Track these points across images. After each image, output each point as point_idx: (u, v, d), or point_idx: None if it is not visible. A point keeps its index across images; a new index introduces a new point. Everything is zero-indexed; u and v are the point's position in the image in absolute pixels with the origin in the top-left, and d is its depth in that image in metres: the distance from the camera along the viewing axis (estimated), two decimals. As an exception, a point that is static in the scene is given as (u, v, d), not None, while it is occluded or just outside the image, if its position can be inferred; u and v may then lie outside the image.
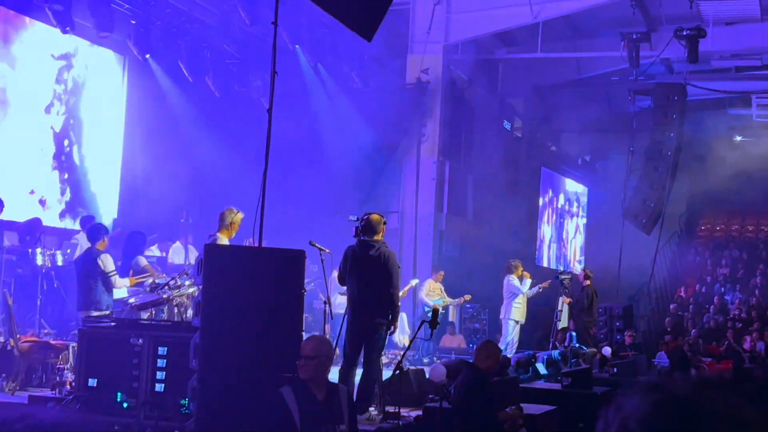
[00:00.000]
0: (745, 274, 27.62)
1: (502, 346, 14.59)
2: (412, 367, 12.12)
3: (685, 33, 17.61)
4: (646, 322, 23.36)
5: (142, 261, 12.40)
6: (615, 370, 14.23)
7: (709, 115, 25.10)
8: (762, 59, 22.87)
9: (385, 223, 9.62)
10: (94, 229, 11.50)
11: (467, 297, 17.69)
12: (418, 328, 9.14)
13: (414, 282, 17.21)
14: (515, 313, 15.86)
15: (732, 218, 30.87)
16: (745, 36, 20.92)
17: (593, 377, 12.77)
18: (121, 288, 11.25)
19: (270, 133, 7.61)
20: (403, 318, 16.14)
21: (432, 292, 17.01)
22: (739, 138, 27.64)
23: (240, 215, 10.09)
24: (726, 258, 28.58)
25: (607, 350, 16.00)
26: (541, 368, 13.31)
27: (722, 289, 26.70)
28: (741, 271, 27.79)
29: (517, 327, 15.91)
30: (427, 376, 10.65)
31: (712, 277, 27.50)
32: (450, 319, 19.06)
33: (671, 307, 25.50)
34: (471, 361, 8.56)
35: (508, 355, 13.61)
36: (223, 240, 9.84)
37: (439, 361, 13.99)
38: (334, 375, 8.70)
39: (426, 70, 19.59)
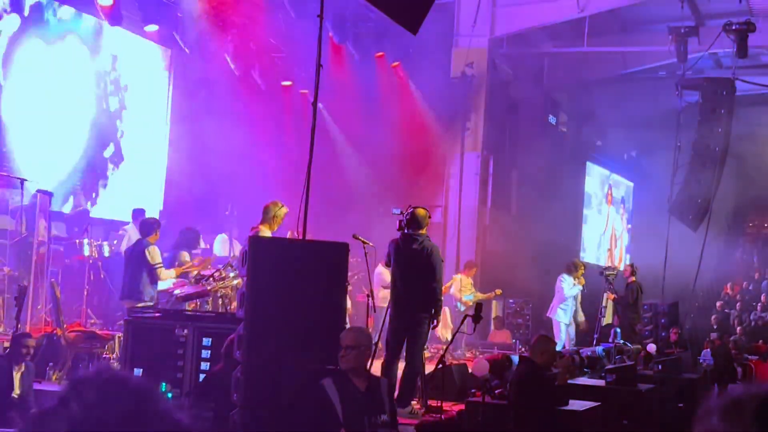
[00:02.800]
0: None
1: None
2: (455, 361, 12.10)
3: (734, 27, 17.37)
4: (691, 319, 23.08)
5: (184, 256, 12.49)
6: (660, 367, 14.06)
7: (758, 110, 24.72)
8: (813, 54, 22.54)
9: (429, 217, 9.61)
10: (146, 223, 11.66)
11: (498, 291, 17.56)
12: (461, 323, 9.13)
13: (498, 291, 17.21)
14: (560, 314, 15.70)
15: (781, 215, 30.46)
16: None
17: (638, 374, 12.65)
18: (166, 280, 11.36)
19: (315, 126, 7.64)
20: (446, 312, 16.11)
21: (464, 287, 16.93)
22: (788, 134, 27.23)
23: (284, 209, 10.12)
24: (776, 255, 28.21)
25: (652, 347, 15.82)
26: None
27: (769, 286, 26.35)
28: (789, 269, 27.42)
29: (568, 328, 15.73)
30: (470, 370, 10.63)
31: (759, 275, 27.13)
32: (494, 314, 19.00)
33: (717, 304, 25.21)
34: (527, 355, 8.57)
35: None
36: (265, 232, 9.88)
37: (482, 356, 13.94)
38: (376, 368, 8.73)
39: (471, 63, 19.51)
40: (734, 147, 20.69)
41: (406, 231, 9.45)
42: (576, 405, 9.22)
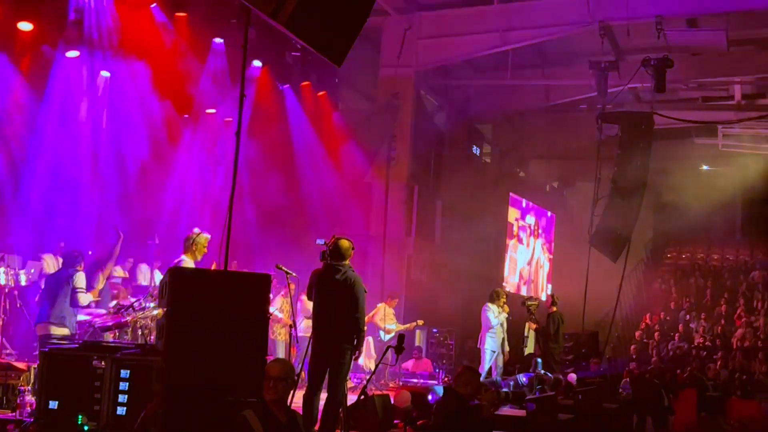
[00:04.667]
0: (709, 302, 27.84)
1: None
2: (378, 392, 12.08)
3: (652, 63, 17.79)
4: (611, 349, 23.46)
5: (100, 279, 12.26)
6: (580, 397, 14.23)
7: (675, 144, 25.36)
8: (728, 90, 23.21)
9: (353, 248, 9.60)
10: (71, 254, 11.45)
11: (420, 322, 17.65)
12: (384, 353, 9.12)
13: (420, 322, 17.27)
14: (489, 342, 15.74)
15: (697, 246, 31.15)
16: (711, 67, 21.23)
17: (558, 404, 12.77)
18: (86, 302, 11.14)
19: (238, 156, 7.60)
20: (369, 342, 16.11)
21: (387, 317, 16.95)
22: (705, 167, 27.95)
23: (203, 236, 10.02)
24: (691, 286, 28.80)
25: (572, 377, 16.01)
26: (504, 395, 13.31)
27: (687, 316, 26.88)
28: (706, 299, 28.01)
29: (494, 356, 15.76)
30: (392, 401, 10.63)
31: (677, 305, 27.69)
32: (417, 343, 19.04)
33: (636, 334, 25.66)
34: (450, 386, 8.58)
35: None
36: (188, 263, 9.77)
37: (404, 386, 13.94)
38: (298, 399, 8.67)
39: (396, 94, 19.67)
40: (652, 180, 21.14)
41: (329, 261, 9.43)
42: (497, 435, 9.27)
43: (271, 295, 8.76)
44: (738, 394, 21.80)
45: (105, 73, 15.80)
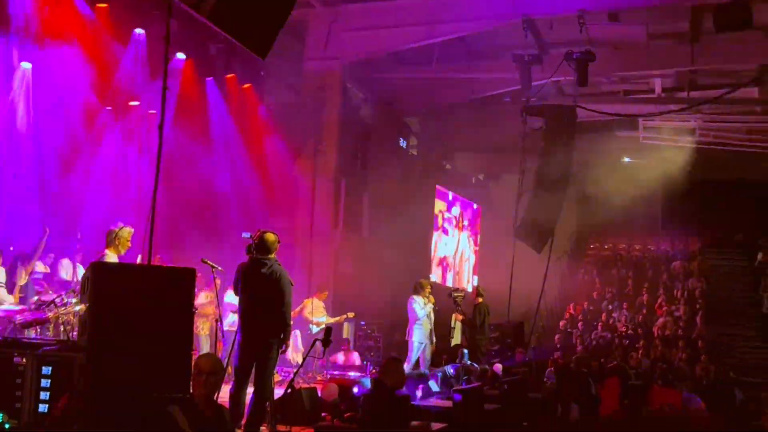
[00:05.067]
0: (631, 292, 28.38)
1: (406, 366, 14.67)
2: (305, 385, 12.06)
3: (574, 56, 18.05)
4: (536, 339, 23.76)
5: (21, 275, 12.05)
6: (506, 387, 14.40)
7: (598, 137, 25.76)
8: (648, 83, 23.65)
9: (279, 241, 9.57)
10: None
11: (350, 314, 17.67)
12: (311, 346, 9.11)
13: (351, 314, 17.22)
14: (416, 333, 15.80)
15: (620, 238, 31.69)
16: (632, 60, 21.59)
17: (484, 394, 12.91)
18: (4, 298, 10.92)
19: (161, 149, 7.51)
20: (296, 335, 16.07)
21: (316, 310, 16.94)
22: (627, 159, 28.43)
23: (125, 230, 9.89)
24: (614, 276, 29.32)
25: (498, 367, 16.18)
26: (434, 385, 13.40)
27: (610, 306, 27.36)
28: (628, 290, 28.55)
29: (422, 347, 15.81)
30: (320, 394, 10.62)
31: (600, 295, 28.15)
32: (345, 336, 19.05)
33: (561, 324, 26.03)
34: (377, 378, 8.61)
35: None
36: (111, 257, 9.63)
37: (331, 379, 13.94)
38: (225, 394, 8.61)
39: (323, 87, 19.63)
40: (576, 172, 21.46)
41: (254, 255, 9.39)
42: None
43: (195, 290, 8.68)
44: (659, 382, 22.27)
45: (26, 64, 15.46)
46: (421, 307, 15.38)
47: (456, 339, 18.49)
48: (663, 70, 22.44)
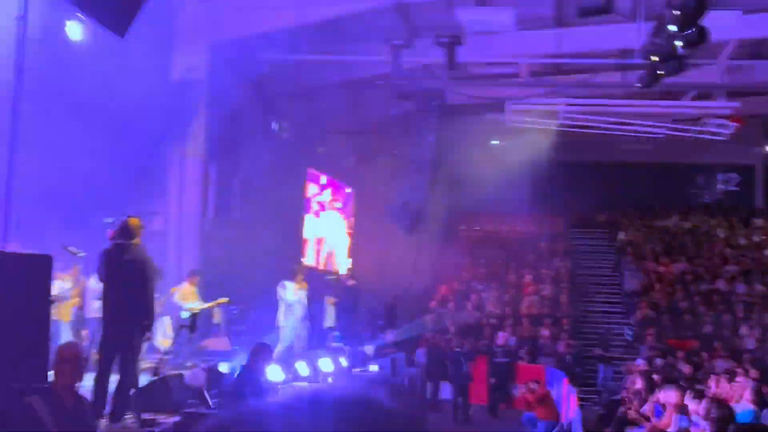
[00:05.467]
0: (500, 272, 29.00)
1: (278, 351, 14.66)
2: (172, 372, 11.89)
3: (443, 40, 18.25)
4: (409, 319, 24.04)
5: None
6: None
7: (467, 119, 26.13)
8: (515, 67, 24.12)
9: (143, 226, 9.39)
10: None
11: (223, 300, 17.47)
12: (179, 332, 8.99)
13: (223, 300, 16.92)
14: (288, 319, 15.74)
15: (489, 219, 32.30)
16: (500, 45, 21.98)
17: (353, 376, 13.02)
18: None
19: (17, 130, 7.27)
20: (164, 322, 15.81)
21: (188, 296, 16.69)
22: (495, 142, 28.96)
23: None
24: (484, 257, 29.89)
25: (369, 348, 16.35)
26: (302, 368, 13.43)
27: (480, 286, 27.90)
28: (497, 270, 29.15)
29: (294, 332, 15.72)
30: (187, 380, 10.50)
31: (470, 276, 28.66)
32: (215, 321, 18.85)
33: (432, 304, 26.39)
34: (246, 363, 8.57)
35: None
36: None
37: (199, 366, 13.79)
38: (88, 382, 8.41)
39: (191, 68, 19.30)
40: (446, 155, 21.76)
41: (118, 241, 9.19)
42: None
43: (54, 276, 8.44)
44: (525, 359, 22.88)
45: None
46: (293, 292, 15.37)
47: (329, 322, 18.55)
48: (529, 54, 22.91)
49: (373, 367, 15.26)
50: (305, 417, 1.22)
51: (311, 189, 25.51)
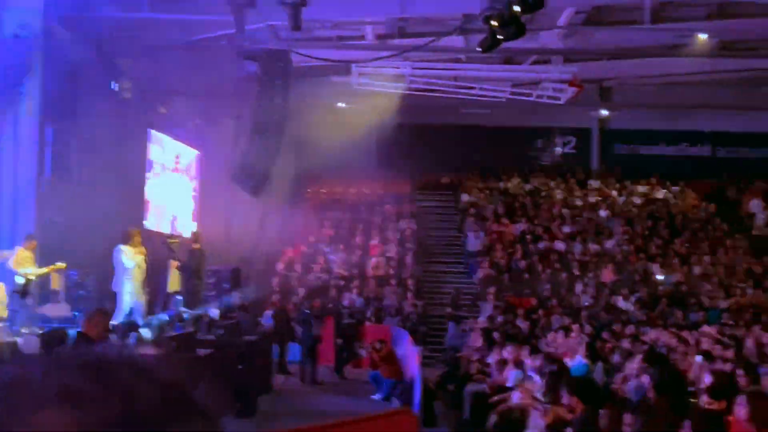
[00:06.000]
0: (347, 234, 29.23)
1: (118, 317, 14.38)
2: (7, 339, 11.51)
3: (288, 1, 18.09)
4: (255, 282, 23.96)
5: None
6: (221, 331, 14.48)
7: (313, 82, 26.06)
8: (360, 29, 24.21)
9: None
10: None
11: (60, 265, 16.97)
12: (11, 298, 8.70)
13: (61, 264, 16.30)
14: (126, 284, 15.44)
15: (336, 182, 32.44)
16: (345, 6, 21.98)
17: (197, 340, 12.92)
18: None
19: None
20: (0, 287, 15.25)
21: (23, 261, 16.13)
22: (342, 105, 29.02)
23: None
24: (330, 219, 30.05)
25: (214, 312, 16.23)
26: (146, 333, 13.21)
27: (327, 249, 28.07)
28: (344, 232, 29.37)
29: (133, 297, 15.44)
30: (20, 347, 10.18)
31: (317, 238, 28.78)
32: (54, 287, 18.29)
33: (279, 267, 26.40)
34: (81, 329, 8.35)
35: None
36: None
37: (35, 332, 13.38)
38: None
39: (25, 24, 18.50)
40: (293, 116, 21.65)
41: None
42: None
43: None
44: (372, 320, 23.22)
45: None
46: (130, 257, 15.07)
47: (172, 286, 18.30)
48: (374, 17, 23.02)
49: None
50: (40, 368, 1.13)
51: (154, 151, 24.95)
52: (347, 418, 7.67)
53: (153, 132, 24.93)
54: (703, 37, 24.65)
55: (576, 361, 13.68)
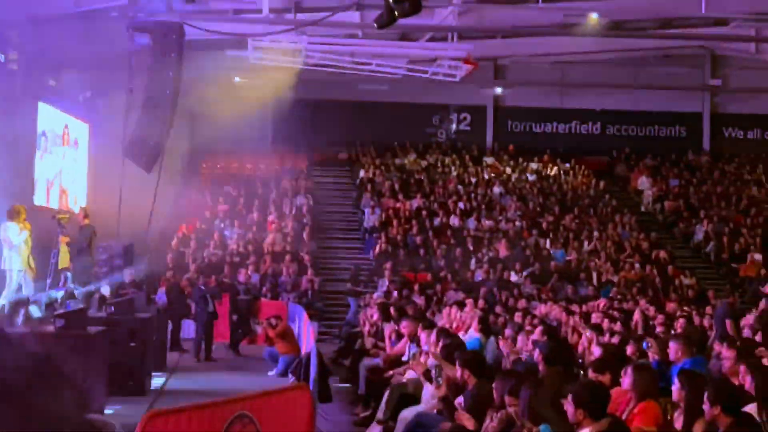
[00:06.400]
0: (243, 210, 29.00)
1: (7, 294, 14.05)
2: None
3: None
4: (148, 259, 23.58)
5: None
6: (112, 308, 14.23)
7: (208, 55, 25.68)
8: (256, 3, 23.95)
9: None
10: None
11: None
12: None
13: None
14: (14, 261, 15.01)
15: (232, 157, 32.13)
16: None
17: (88, 317, 12.67)
18: None
19: None
20: None
21: None
22: (237, 79, 28.69)
23: None
24: (226, 195, 29.76)
25: (106, 289, 15.93)
26: (35, 311, 12.92)
27: (222, 225, 27.82)
28: (239, 208, 29.14)
29: (21, 274, 15.02)
30: None
31: (212, 214, 28.49)
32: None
33: (173, 243, 26.04)
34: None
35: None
36: None
37: None
38: None
39: None
40: (187, 91, 21.30)
41: None
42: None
43: None
44: (268, 296, 23.15)
45: None
46: (17, 233, 14.68)
47: (62, 262, 17.86)
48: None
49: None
50: None
51: (43, 124, 24.26)
52: (242, 394, 7.64)
53: (42, 105, 24.22)
54: (594, 16, 25.18)
55: (469, 336, 13.90)
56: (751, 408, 6.99)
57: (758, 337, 12.70)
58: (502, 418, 7.79)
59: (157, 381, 15.41)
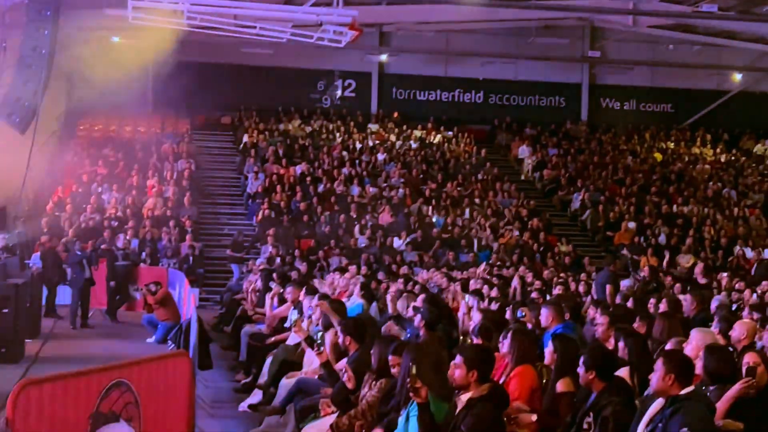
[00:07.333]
0: (122, 174, 28.35)
1: None
2: None
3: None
4: (22, 223, 22.87)
5: None
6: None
7: (85, 14, 24.92)
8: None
9: None
10: None
11: None
12: None
13: None
14: None
15: (110, 119, 31.35)
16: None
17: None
18: None
19: None
20: None
21: None
22: (116, 39, 27.93)
23: None
24: (104, 158, 29.03)
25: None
26: None
27: (99, 188, 27.17)
28: (118, 171, 28.47)
29: None
30: None
31: (90, 178, 27.78)
32: None
33: (48, 208, 25.33)
34: None
35: None
36: None
37: None
38: None
39: None
40: (65, 50, 20.65)
41: None
42: None
43: None
44: (147, 262, 22.78)
45: None
46: None
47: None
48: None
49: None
50: None
51: None
52: (119, 362, 7.51)
53: None
54: (478, -14, 25.40)
55: (352, 302, 13.96)
56: (623, 372, 7.22)
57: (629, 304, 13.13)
58: (381, 387, 7.84)
59: (31, 348, 15.03)
